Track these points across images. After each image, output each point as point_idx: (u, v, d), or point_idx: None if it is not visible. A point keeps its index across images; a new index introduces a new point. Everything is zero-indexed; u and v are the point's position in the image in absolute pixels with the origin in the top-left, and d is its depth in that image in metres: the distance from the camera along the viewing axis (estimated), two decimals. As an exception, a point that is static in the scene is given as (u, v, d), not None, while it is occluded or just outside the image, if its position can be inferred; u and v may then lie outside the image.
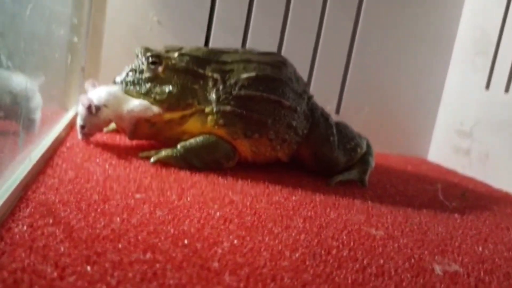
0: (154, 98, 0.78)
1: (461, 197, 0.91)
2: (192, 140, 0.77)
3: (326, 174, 0.88)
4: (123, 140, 0.89)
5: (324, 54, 1.24)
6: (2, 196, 0.48)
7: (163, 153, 0.76)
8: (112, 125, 0.93)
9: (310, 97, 0.91)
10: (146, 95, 0.78)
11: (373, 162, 0.92)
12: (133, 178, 0.66)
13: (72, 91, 0.99)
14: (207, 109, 0.78)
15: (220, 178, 0.75)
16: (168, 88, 0.78)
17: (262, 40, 1.19)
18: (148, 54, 0.79)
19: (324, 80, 1.25)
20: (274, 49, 1.20)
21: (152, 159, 0.75)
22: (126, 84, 0.79)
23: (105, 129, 0.93)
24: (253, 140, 0.80)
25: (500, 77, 1.13)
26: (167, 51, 0.82)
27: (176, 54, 0.81)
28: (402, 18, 1.28)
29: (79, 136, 0.80)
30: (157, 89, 0.78)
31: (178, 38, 1.14)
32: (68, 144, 0.78)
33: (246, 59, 0.83)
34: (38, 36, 0.64)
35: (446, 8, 1.30)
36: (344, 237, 0.58)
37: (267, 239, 0.53)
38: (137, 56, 0.82)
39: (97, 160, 0.72)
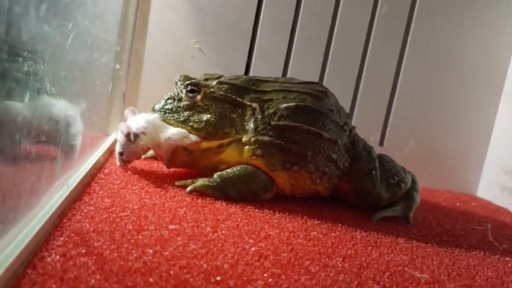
0: (192, 127, 0.77)
1: (513, 238, 0.85)
2: (229, 170, 0.76)
3: (368, 210, 0.84)
4: (160, 167, 0.89)
5: (368, 83, 1.22)
6: (37, 224, 0.47)
7: (200, 182, 0.75)
8: (151, 152, 0.93)
9: (351, 129, 0.88)
10: (184, 123, 0.78)
11: (418, 198, 0.87)
12: (168, 207, 0.65)
13: (112, 117, 1.01)
14: (245, 139, 0.77)
15: (256, 210, 0.72)
16: (206, 117, 0.78)
17: (303, 69, 1.18)
18: (187, 82, 0.79)
19: (367, 110, 1.22)
20: (315, 78, 1.19)
21: (188, 189, 0.74)
22: (165, 112, 0.79)
23: (143, 156, 0.93)
24: (292, 172, 0.78)
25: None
26: (206, 79, 0.82)
27: (214, 83, 0.80)
28: (451, 51, 1.24)
29: (118, 163, 0.80)
30: (195, 118, 0.78)
31: (218, 65, 1.14)
32: (106, 170, 0.78)
33: (286, 88, 0.82)
34: (79, 63, 0.65)
35: (497, 43, 1.25)
36: (386, 280, 0.54)
37: (303, 278, 0.50)
38: (176, 84, 0.82)
39: (134, 188, 0.71)
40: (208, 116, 0.78)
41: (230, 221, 0.64)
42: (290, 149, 0.77)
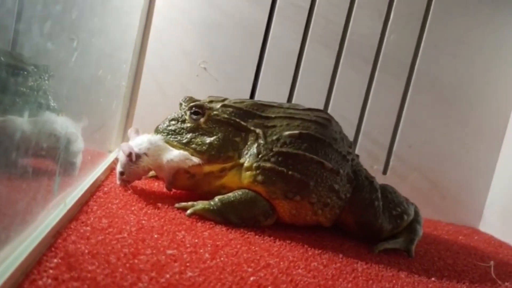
0: (195, 149, 0.76)
1: (517, 276, 0.83)
2: (230, 194, 0.75)
3: (370, 240, 0.83)
4: (161, 187, 0.88)
5: (373, 111, 1.21)
6: (30, 244, 0.46)
7: (200, 205, 0.74)
8: (152, 172, 0.92)
9: (354, 159, 0.87)
10: (187, 145, 0.77)
11: (421, 231, 0.86)
12: (167, 230, 0.63)
13: (115, 134, 1.00)
14: (247, 164, 0.76)
15: (257, 237, 0.71)
16: (209, 139, 0.77)
17: (309, 94, 1.17)
18: (191, 104, 0.79)
19: (371, 138, 1.21)
20: (321, 103, 1.18)
21: (188, 212, 0.73)
22: (168, 133, 0.79)
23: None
24: (293, 202, 0.76)
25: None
26: (211, 102, 0.81)
27: (219, 105, 0.80)
28: (458, 82, 1.24)
29: (118, 182, 0.79)
30: (198, 140, 0.77)
31: (224, 86, 1.14)
32: (106, 189, 0.77)
33: (290, 115, 0.81)
34: (83, 80, 0.64)
35: (504, 77, 1.25)
36: (388, 317, 0.52)
37: (303, 313, 0.48)
38: (181, 105, 0.81)
39: (133, 208, 0.70)
40: (212, 139, 0.77)
41: (230, 248, 0.63)
42: (292, 177, 0.76)
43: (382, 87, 1.21)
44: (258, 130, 0.78)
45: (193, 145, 0.77)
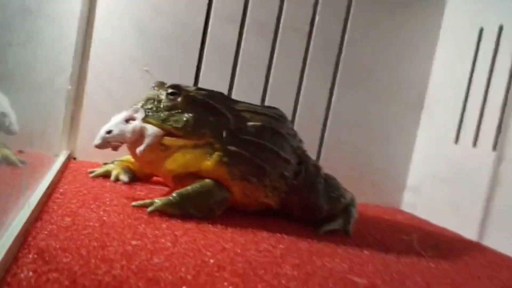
0: (172, 126, 0.81)
1: (435, 247, 0.95)
2: (188, 187, 0.80)
3: (309, 221, 0.93)
4: (113, 186, 0.91)
5: (305, 104, 1.30)
6: (6, 242, 0.49)
7: (160, 202, 0.78)
8: (99, 170, 0.95)
9: (304, 151, 0.98)
10: (164, 122, 0.82)
11: (356, 214, 0.97)
12: (128, 224, 0.68)
13: (60, 138, 1.01)
14: (216, 145, 0.83)
15: (210, 226, 0.77)
16: (185, 117, 0.82)
17: (247, 89, 1.24)
18: (169, 85, 0.84)
19: (305, 131, 1.29)
20: (258, 99, 1.25)
21: (149, 209, 0.76)
22: (145, 111, 0.82)
23: (91, 175, 0.95)
24: (250, 184, 0.85)
25: (468, 132, 1.21)
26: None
27: (193, 88, 0.86)
28: (378, 78, 1.36)
29: (97, 142, 0.81)
30: (175, 118, 0.82)
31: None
32: (61, 190, 0.79)
33: (253, 109, 0.90)
34: (24, 85, 0.63)
35: (417, 62, 1.38)
36: (331, 285, 0.61)
37: (259, 286, 0.55)
38: (153, 88, 0.87)
39: (92, 207, 0.73)
40: (188, 116, 0.82)
41: (188, 236, 0.68)
42: (253, 162, 0.85)
43: (311, 84, 1.29)
44: (229, 115, 0.86)
45: (170, 122, 0.82)
